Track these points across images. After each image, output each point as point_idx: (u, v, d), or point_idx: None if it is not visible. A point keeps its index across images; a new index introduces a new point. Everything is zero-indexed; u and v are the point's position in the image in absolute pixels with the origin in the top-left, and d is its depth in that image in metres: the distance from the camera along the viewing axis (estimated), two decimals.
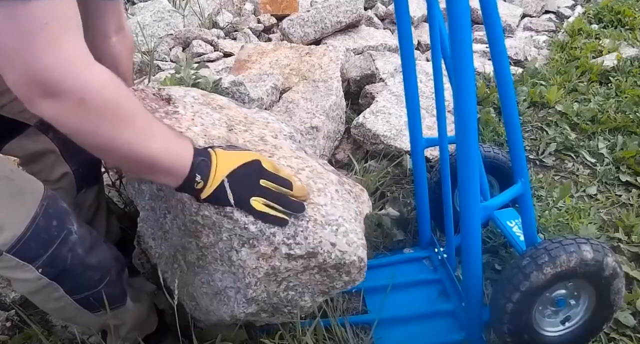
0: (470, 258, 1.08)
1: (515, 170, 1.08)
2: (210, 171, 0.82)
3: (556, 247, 1.04)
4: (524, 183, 1.07)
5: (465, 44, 0.85)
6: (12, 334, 1.29)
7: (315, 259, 0.93)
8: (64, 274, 0.91)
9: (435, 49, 1.18)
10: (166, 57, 2.52)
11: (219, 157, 0.84)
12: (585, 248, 1.04)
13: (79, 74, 0.67)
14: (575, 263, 1.04)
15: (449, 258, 1.41)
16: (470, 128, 0.93)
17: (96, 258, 0.95)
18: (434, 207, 1.44)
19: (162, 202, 1.03)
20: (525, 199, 1.09)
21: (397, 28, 1.13)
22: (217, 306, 1.03)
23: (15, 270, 0.87)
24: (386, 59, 2.25)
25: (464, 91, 0.89)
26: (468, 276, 1.12)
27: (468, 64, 0.87)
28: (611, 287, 1.09)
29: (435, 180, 1.48)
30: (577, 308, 1.15)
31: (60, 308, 0.96)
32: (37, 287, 0.90)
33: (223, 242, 0.93)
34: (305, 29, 2.54)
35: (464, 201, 1.02)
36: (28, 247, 0.85)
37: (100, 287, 0.97)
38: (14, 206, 0.85)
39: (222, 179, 0.83)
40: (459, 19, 0.83)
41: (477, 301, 1.15)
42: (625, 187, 1.78)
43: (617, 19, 3.05)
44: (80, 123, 0.70)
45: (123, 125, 0.73)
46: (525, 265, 1.05)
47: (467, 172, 0.97)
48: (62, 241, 0.89)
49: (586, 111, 2.09)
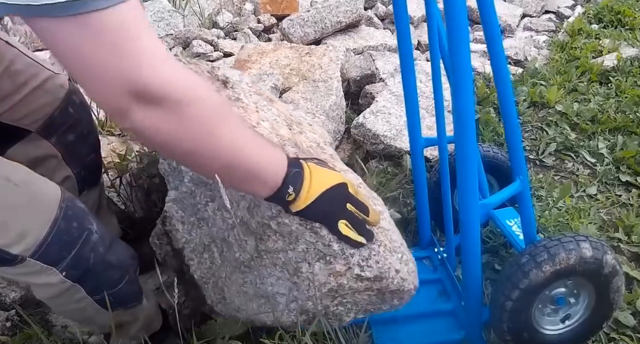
0: (469, 256, 1.08)
1: (513, 168, 1.08)
2: (302, 186, 0.81)
3: (555, 245, 1.04)
4: (523, 181, 1.07)
5: (462, 43, 0.85)
6: (12, 334, 1.29)
7: (379, 282, 0.95)
8: (87, 275, 0.90)
9: (434, 49, 1.18)
10: None
11: (313, 174, 0.82)
12: (585, 246, 1.04)
13: (177, 78, 0.64)
14: (575, 261, 1.03)
15: (448, 258, 1.41)
16: (468, 127, 0.93)
17: (116, 256, 0.95)
18: (434, 207, 1.44)
19: (205, 189, 1.01)
20: (524, 196, 1.09)
21: (396, 28, 1.13)
22: (257, 308, 1.03)
23: (39, 275, 0.86)
24: (386, 59, 2.25)
25: (461, 90, 0.90)
26: (467, 275, 1.12)
27: (465, 63, 0.87)
28: (611, 285, 1.09)
29: (434, 180, 1.48)
30: (576, 306, 1.14)
31: (80, 309, 0.96)
32: (59, 291, 0.90)
33: (295, 253, 0.94)
34: (305, 29, 2.54)
35: (462, 198, 1.02)
36: (51, 250, 0.84)
37: (120, 286, 0.97)
38: (33, 211, 0.84)
39: (316, 196, 0.82)
40: (456, 19, 0.83)
41: (476, 300, 1.15)
42: (625, 187, 1.78)
43: (617, 19, 3.05)
44: (178, 129, 0.66)
45: (220, 130, 0.70)
46: (524, 263, 1.05)
47: (465, 169, 0.97)
48: (84, 241, 0.89)
49: (586, 111, 2.09)
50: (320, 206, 0.83)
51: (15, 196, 0.82)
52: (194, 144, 0.69)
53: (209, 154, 0.71)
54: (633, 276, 1.42)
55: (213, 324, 1.16)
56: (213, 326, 1.16)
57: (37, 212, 0.84)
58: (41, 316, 1.36)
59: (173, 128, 0.66)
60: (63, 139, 1.12)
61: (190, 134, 0.68)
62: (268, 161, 0.77)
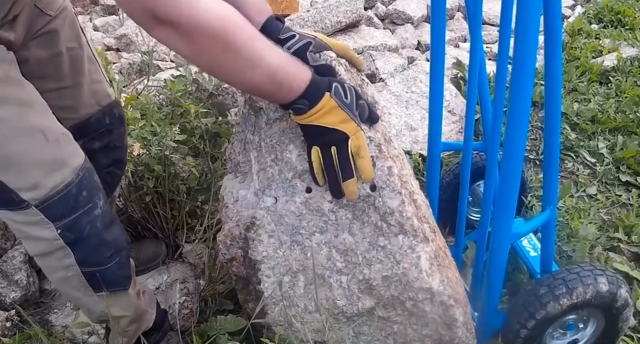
0: (494, 276, 1.09)
1: (545, 197, 1.09)
2: (315, 107, 0.83)
3: (574, 278, 1.06)
4: (552, 211, 1.09)
5: (529, 51, 0.83)
6: (12, 334, 1.29)
7: None
8: (79, 243, 0.95)
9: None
10: (166, 57, 2.52)
11: (326, 104, 0.83)
12: (602, 281, 1.07)
13: (189, 5, 0.71)
14: (591, 295, 1.06)
15: (455, 262, 1.41)
16: (518, 145, 0.92)
17: (112, 236, 1.00)
18: (440, 208, 1.43)
19: (318, 220, 0.95)
20: (550, 226, 1.11)
21: (431, 30, 1.12)
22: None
23: (36, 226, 0.92)
24: (386, 59, 2.25)
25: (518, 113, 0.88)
26: (488, 301, 1.13)
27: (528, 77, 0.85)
28: (621, 316, 1.12)
29: (447, 181, 1.49)
30: (584, 331, 1.18)
31: (67, 278, 0.99)
32: (51, 248, 0.95)
33: (416, 333, 1.00)
34: (305, 29, 2.54)
35: (497, 225, 1.02)
36: (55, 207, 0.91)
37: (109, 265, 1.00)
38: (53, 169, 0.90)
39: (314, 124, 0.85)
40: (528, 23, 0.80)
41: (490, 327, 1.17)
42: (625, 187, 1.78)
43: (617, 19, 3.05)
44: (192, 50, 0.75)
45: (231, 56, 0.76)
46: (542, 294, 1.07)
47: (507, 192, 0.97)
48: (86, 211, 0.95)
49: (586, 111, 2.10)
50: (312, 129, 0.86)
51: (43, 150, 0.89)
52: (205, 62, 0.79)
53: (221, 74, 0.81)
54: (633, 276, 1.42)
55: (213, 322, 1.16)
56: (213, 323, 1.16)
57: (56, 171, 0.91)
58: (41, 316, 1.36)
59: (186, 49, 0.75)
60: (89, 144, 1.14)
61: (204, 55, 0.76)
62: (289, 71, 0.82)
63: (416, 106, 2.02)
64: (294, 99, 0.82)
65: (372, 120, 0.91)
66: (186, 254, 1.52)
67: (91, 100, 1.12)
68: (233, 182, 1.07)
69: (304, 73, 0.82)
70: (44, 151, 0.90)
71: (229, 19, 0.75)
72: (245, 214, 1.00)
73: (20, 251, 1.43)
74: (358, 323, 1.01)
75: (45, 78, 1.02)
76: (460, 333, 0.99)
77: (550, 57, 0.92)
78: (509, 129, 0.90)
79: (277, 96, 0.83)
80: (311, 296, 1.00)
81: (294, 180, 0.94)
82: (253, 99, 0.96)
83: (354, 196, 0.90)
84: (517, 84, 0.86)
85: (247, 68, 0.78)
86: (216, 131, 1.57)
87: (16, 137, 0.87)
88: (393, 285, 0.95)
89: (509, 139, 0.91)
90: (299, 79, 0.81)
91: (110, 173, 1.24)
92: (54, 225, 0.92)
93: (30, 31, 0.96)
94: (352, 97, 0.86)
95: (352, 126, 0.85)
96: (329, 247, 0.96)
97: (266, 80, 0.80)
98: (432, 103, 1.21)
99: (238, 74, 0.79)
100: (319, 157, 0.87)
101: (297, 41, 0.88)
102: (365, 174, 0.87)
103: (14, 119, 0.87)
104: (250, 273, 1.02)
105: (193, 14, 0.71)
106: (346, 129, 0.84)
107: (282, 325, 1.06)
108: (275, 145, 0.94)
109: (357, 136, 0.85)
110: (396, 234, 0.92)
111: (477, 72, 1.20)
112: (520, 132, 0.91)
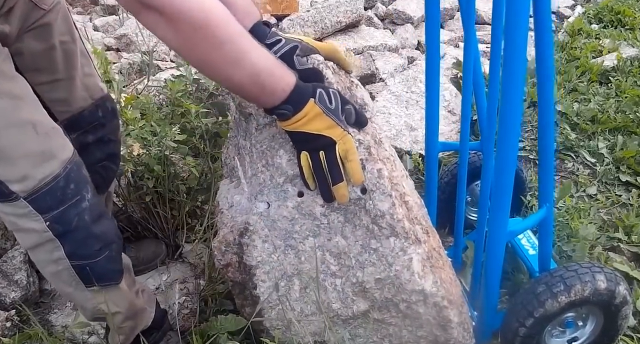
0: (491, 275, 1.09)
1: (541, 194, 1.09)
2: (299, 113, 0.83)
3: (572, 276, 1.06)
4: (549, 208, 1.09)
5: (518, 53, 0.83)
6: (12, 334, 1.29)
7: None
8: (67, 236, 0.96)
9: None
10: (166, 57, 2.52)
11: (310, 111, 0.83)
12: (600, 278, 1.07)
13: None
14: (589, 293, 1.06)
15: (454, 262, 1.41)
16: (511, 144, 0.92)
17: (100, 229, 1.00)
18: (440, 208, 1.43)
19: (311, 224, 0.95)
20: (547, 224, 1.11)
21: (425, 31, 1.11)
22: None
23: (26, 218, 0.93)
24: (386, 59, 2.25)
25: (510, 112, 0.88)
26: (488, 293, 1.13)
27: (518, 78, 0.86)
28: (619, 313, 1.12)
29: (445, 180, 1.49)
30: (584, 329, 1.18)
31: (58, 272, 1.00)
32: (41, 240, 0.95)
33: (411, 335, 1.00)
34: (305, 29, 2.54)
35: (493, 225, 1.02)
36: (43, 199, 0.92)
37: (98, 258, 1.00)
38: (41, 162, 0.91)
39: (299, 130, 0.85)
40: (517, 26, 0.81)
41: (489, 326, 1.17)
42: (625, 187, 1.78)
43: (617, 19, 3.05)
44: (177, 40, 0.75)
45: (213, 49, 0.76)
46: (540, 292, 1.07)
47: (501, 190, 0.97)
48: (73, 204, 0.95)
49: (586, 111, 2.10)
50: (299, 136, 0.86)
51: (32, 143, 0.90)
52: (189, 54, 0.78)
53: (203, 66, 0.80)
54: (633, 276, 1.42)
55: (213, 321, 1.16)
56: (213, 323, 1.16)
57: (45, 162, 0.92)
58: (41, 316, 1.36)
59: (173, 38, 0.75)
60: (82, 138, 1.15)
61: (187, 46, 0.76)
62: (273, 75, 0.81)
63: (416, 106, 2.02)
64: (277, 104, 0.81)
65: (360, 124, 0.90)
66: (186, 254, 1.53)
67: (84, 93, 1.12)
68: (228, 187, 1.08)
69: (288, 78, 0.82)
70: (33, 143, 0.91)
71: (212, 11, 0.75)
72: (239, 219, 1.00)
73: (20, 251, 1.43)
74: (354, 326, 1.01)
75: (39, 71, 1.03)
76: (456, 334, 0.99)
77: (541, 54, 0.93)
78: (502, 126, 0.90)
79: (261, 99, 0.82)
80: (307, 300, 1.00)
81: (286, 185, 0.94)
82: (243, 105, 0.96)
83: (345, 200, 0.90)
84: (508, 81, 0.86)
85: (229, 64, 0.77)
86: (216, 131, 1.57)
87: (7, 130, 0.88)
88: (386, 288, 0.95)
89: (502, 136, 0.91)
90: (284, 83, 0.81)
91: (105, 167, 1.23)
92: (42, 217, 0.93)
93: (24, 25, 0.97)
94: (337, 103, 0.85)
95: (338, 131, 0.85)
96: (322, 250, 0.96)
97: (248, 80, 0.79)
98: (428, 103, 1.21)
99: (221, 70, 0.79)
100: (308, 162, 0.87)
101: (283, 45, 0.88)
102: (354, 177, 0.87)
103: (5, 112, 0.88)
104: (246, 278, 1.02)
105: (177, 0, 0.72)
106: (332, 134, 0.84)
107: (279, 329, 1.06)
108: (266, 150, 0.94)
109: (344, 141, 0.85)
110: (387, 237, 0.92)
111: (471, 71, 1.19)
112: (513, 129, 0.91)
